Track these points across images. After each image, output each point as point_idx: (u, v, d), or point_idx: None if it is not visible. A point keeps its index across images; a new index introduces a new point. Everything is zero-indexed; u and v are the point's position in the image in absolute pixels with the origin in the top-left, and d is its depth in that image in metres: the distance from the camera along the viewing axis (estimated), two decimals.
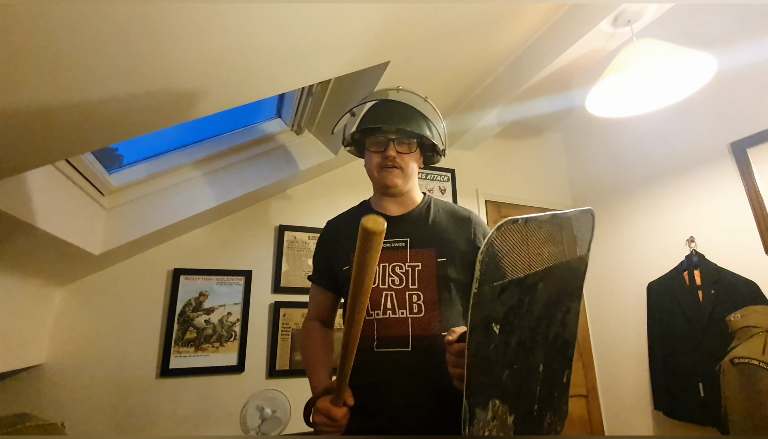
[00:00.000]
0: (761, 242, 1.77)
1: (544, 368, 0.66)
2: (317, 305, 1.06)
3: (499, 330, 0.56)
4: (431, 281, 0.88)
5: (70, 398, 1.53)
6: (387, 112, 0.97)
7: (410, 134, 0.95)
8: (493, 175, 2.67)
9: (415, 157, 0.99)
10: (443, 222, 0.97)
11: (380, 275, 0.90)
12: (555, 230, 0.64)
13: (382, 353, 0.86)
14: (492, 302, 0.54)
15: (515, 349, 0.60)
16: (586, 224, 0.71)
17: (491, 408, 0.57)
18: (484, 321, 0.54)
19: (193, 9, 0.71)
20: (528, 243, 0.57)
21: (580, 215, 0.68)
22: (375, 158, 0.98)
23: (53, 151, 0.94)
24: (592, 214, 0.71)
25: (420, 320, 0.86)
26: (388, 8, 1.05)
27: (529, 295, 0.60)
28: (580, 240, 0.70)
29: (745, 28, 1.85)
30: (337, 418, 0.77)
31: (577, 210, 0.67)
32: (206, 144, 1.80)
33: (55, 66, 0.67)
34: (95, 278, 1.67)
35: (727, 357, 1.44)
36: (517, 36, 1.60)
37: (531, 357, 0.64)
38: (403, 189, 0.98)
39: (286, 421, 1.69)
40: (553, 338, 0.68)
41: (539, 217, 0.58)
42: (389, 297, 0.88)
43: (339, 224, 1.07)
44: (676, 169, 2.16)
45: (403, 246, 0.92)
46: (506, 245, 0.55)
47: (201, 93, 0.99)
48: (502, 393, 0.59)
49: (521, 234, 0.55)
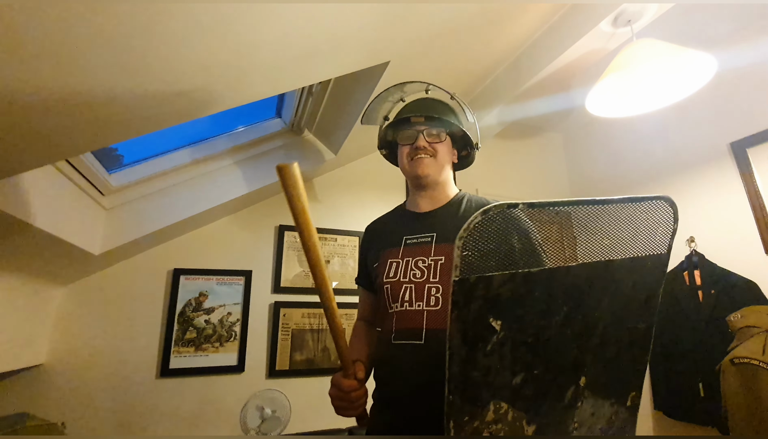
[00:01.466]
0: (761, 242, 1.77)
1: (587, 383, 0.58)
2: (362, 305, 1.10)
3: (502, 326, 0.50)
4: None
5: (70, 398, 1.53)
6: (415, 106, 1.00)
7: (439, 123, 0.97)
8: (494, 175, 2.67)
9: (446, 146, 0.99)
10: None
11: (402, 269, 0.91)
12: (592, 220, 0.52)
13: (398, 345, 0.87)
14: (485, 293, 0.48)
15: (533, 352, 0.53)
16: (658, 216, 0.57)
17: (493, 410, 0.53)
18: (471, 313, 0.49)
19: (193, 9, 0.71)
20: (546, 233, 0.50)
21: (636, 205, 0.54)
22: (405, 150, 0.99)
23: (53, 151, 0.94)
24: (670, 204, 0.57)
25: (436, 313, 0.85)
26: (388, 8, 1.05)
27: (549, 292, 0.52)
28: (648, 236, 0.57)
29: (745, 28, 1.85)
30: (344, 388, 0.78)
31: (626, 197, 0.54)
32: (206, 144, 1.80)
33: (55, 66, 0.67)
34: (95, 278, 1.67)
35: (727, 357, 1.44)
36: (517, 36, 1.60)
37: (562, 366, 0.56)
38: (436, 179, 0.97)
39: (286, 421, 1.69)
40: (607, 352, 0.59)
41: (555, 203, 0.49)
42: (408, 290, 0.88)
43: (375, 225, 1.10)
44: (677, 169, 2.15)
45: (429, 241, 0.92)
46: (505, 233, 0.48)
47: (201, 93, 0.99)
48: (513, 398, 0.54)
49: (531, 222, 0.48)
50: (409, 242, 0.94)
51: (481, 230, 0.47)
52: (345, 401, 0.80)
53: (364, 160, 2.28)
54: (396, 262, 0.93)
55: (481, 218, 0.46)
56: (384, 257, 0.96)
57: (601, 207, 0.53)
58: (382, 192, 2.26)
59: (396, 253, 0.94)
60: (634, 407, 0.65)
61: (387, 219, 1.09)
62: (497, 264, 0.49)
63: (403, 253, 0.93)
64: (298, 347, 1.89)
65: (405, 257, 0.92)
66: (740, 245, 1.83)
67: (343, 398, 0.79)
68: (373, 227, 1.10)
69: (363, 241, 1.10)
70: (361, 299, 1.12)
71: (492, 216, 0.47)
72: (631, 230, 0.56)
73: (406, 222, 1.00)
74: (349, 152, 2.05)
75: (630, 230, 0.56)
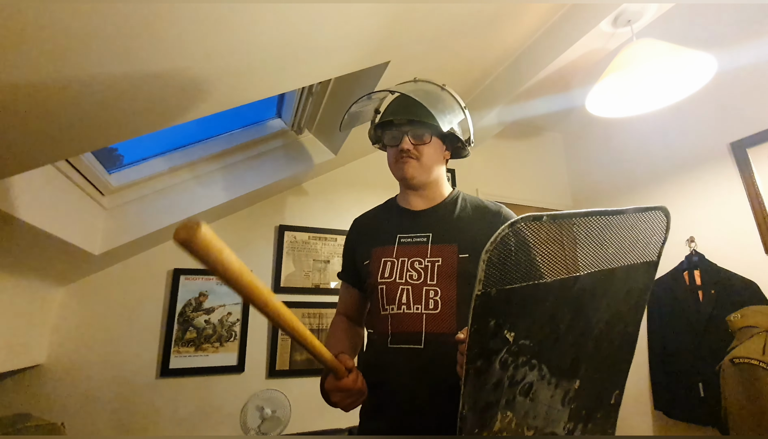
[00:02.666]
0: (761, 242, 1.77)
1: (581, 385, 0.60)
2: (344, 301, 1.07)
3: (515, 337, 0.50)
4: (451, 278, 0.85)
5: (70, 398, 1.53)
6: (401, 106, 0.97)
7: (421, 125, 0.94)
8: (493, 175, 2.67)
9: (433, 147, 0.95)
10: (469, 217, 0.94)
11: (398, 269, 0.88)
12: (603, 230, 0.54)
13: (395, 349, 0.85)
14: (506, 306, 0.48)
15: (538, 360, 0.54)
16: (654, 225, 0.60)
17: (500, 419, 0.53)
18: (491, 325, 0.49)
19: (194, 9, 0.71)
20: (562, 243, 0.50)
21: (643, 215, 0.57)
22: (391, 152, 0.97)
23: (53, 151, 0.94)
24: (665, 213, 0.59)
25: (435, 317, 0.83)
26: (388, 8, 1.05)
27: (561, 302, 0.53)
28: (644, 243, 0.60)
29: (745, 29, 1.85)
30: (348, 387, 0.76)
31: (635, 208, 0.56)
32: (206, 144, 1.80)
33: (55, 65, 0.67)
34: (95, 278, 1.67)
35: (727, 357, 1.44)
36: (517, 36, 1.60)
37: (562, 372, 0.57)
38: (423, 180, 0.95)
39: (286, 421, 1.69)
40: (598, 355, 0.61)
41: (574, 215, 0.50)
42: (405, 292, 0.86)
43: (362, 219, 1.07)
44: (676, 169, 2.16)
45: (425, 241, 0.90)
46: (526, 246, 0.48)
47: (201, 93, 0.99)
48: (519, 406, 0.55)
49: (549, 233, 0.49)
50: (403, 240, 0.92)
51: (506, 242, 0.46)
52: (353, 395, 0.78)
53: (363, 160, 2.28)
54: (390, 261, 0.90)
55: (508, 231, 0.45)
56: (376, 254, 0.93)
57: (612, 217, 0.55)
58: (381, 192, 2.23)
59: (390, 251, 0.91)
60: (616, 404, 0.68)
61: (377, 214, 1.05)
62: (517, 276, 0.48)
63: (397, 252, 0.91)
64: (298, 347, 1.88)
65: (400, 256, 0.90)
66: (740, 245, 1.83)
67: (350, 393, 0.78)
68: (362, 221, 1.06)
69: (350, 235, 1.06)
70: (342, 295, 1.08)
71: (517, 229, 0.46)
72: (632, 239, 0.58)
73: (399, 219, 0.98)
74: (349, 152, 2.05)
75: (632, 238, 0.58)
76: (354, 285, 1.03)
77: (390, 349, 0.85)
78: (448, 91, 1.00)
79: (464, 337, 0.60)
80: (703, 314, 1.82)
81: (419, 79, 1.00)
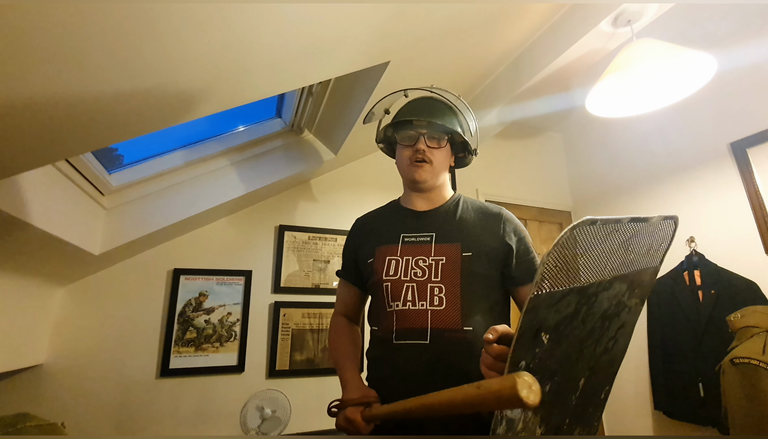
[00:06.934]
0: (761, 242, 1.77)
1: (585, 382, 0.61)
2: (343, 300, 1.08)
3: (548, 340, 0.51)
4: (455, 275, 0.87)
5: (70, 398, 1.53)
6: (419, 107, 0.99)
7: (440, 128, 0.96)
8: (493, 175, 2.67)
9: (445, 153, 0.99)
10: (471, 218, 0.97)
11: (403, 267, 0.90)
12: (630, 236, 0.57)
13: (401, 345, 0.86)
14: (548, 310, 0.50)
15: (559, 360, 0.56)
16: (664, 232, 0.64)
17: (523, 419, 0.53)
18: (534, 329, 0.49)
19: (193, 9, 0.71)
20: (601, 248, 0.52)
21: (661, 222, 0.60)
22: (405, 152, 0.98)
23: (53, 151, 0.94)
24: (675, 222, 0.64)
25: (440, 313, 0.85)
26: (388, 8, 1.05)
27: (587, 305, 0.55)
28: (654, 249, 0.63)
29: (745, 28, 1.85)
30: (362, 432, 0.79)
31: (660, 216, 0.59)
32: (206, 144, 1.80)
33: (55, 65, 0.67)
34: (95, 278, 1.67)
35: (727, 357, 1.44)
36: (517, 36, 1.60)
37: (574, 370, 0.59)
38: (433, 184, 0.98)
39: (286, 421, 1.69)
40: (601, 352, 0.63)
41: (620, 220, 0.52)
42: (410, 289, 0.88)
43: (365, 219, 1.09)
44: (677, 169, 2.16)
45: (429, 240, 0.92)
46: (575, 249, 0.49)
47: (201, 93, 0.99)
48: (540, 408, 0.54)
49: (594, 237, 0.50)
50: (407, 240, 0.94)
51: (565, 245, 0.47)
52: (354, 432, 0.80)
53: (364, 160, 2.28)
54: (395, 259, 0.92)
55: (570, 234, 0.46)
56: (380, 253, 0.95)
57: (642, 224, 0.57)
58: (382, 192, 2.25)
59: (394, 250, 0.93)
60: (605, 398, 0.70)
61: (380, 214, 1.07)
62: (564, 279, 0.49)
63: (402, 251, 0.92)
64: (298, 347, 1.89)
65: (404, 255, 0.92)
66: (740, 245, 1.83)
67: (357, 430, 0.80)
68: (365, 220, 1.08)
69: (352, 234, 1.07)
70: (341, 293, 1.09)
71: (576, 233, 0.47)
72: (648, 245, 0.61)
73: (403, 219, 1.00)
74: (349, 152, 2.05)
75: (647, 244, 0.61)
76: (355, 283, 1.05)
77: (395, 345, 0.87)
78: (462, 101, 1.04)
79: (493, 338, 0.60)
80: (703, 314, 1.82)
81: (436, 87, 1.03)
